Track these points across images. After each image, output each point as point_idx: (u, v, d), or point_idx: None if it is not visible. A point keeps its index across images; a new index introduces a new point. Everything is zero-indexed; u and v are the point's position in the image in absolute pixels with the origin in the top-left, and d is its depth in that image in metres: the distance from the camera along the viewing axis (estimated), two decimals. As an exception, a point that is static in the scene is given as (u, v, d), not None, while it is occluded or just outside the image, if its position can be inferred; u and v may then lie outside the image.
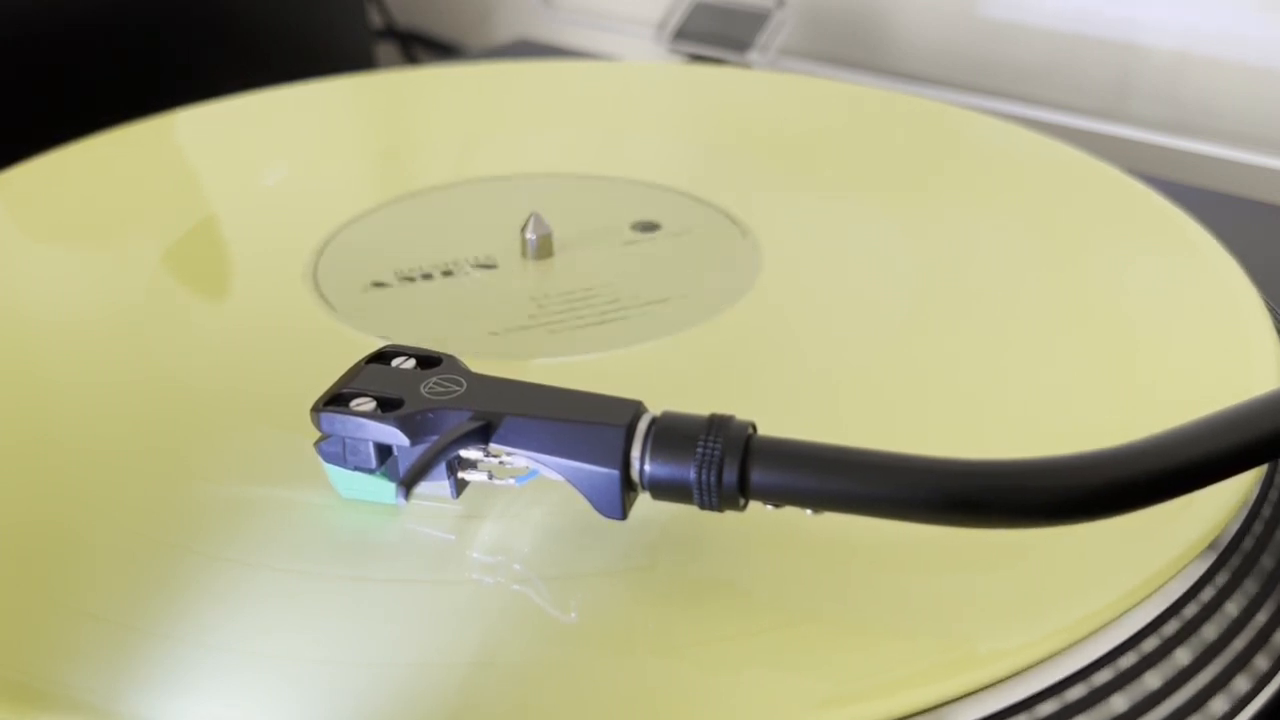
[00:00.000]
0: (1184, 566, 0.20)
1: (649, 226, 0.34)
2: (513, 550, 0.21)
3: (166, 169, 0.39)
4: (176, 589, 0.20)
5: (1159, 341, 0.27)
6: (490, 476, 0.21)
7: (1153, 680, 0.19)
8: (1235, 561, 0.21)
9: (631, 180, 0.37)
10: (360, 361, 0.22)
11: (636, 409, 0.20)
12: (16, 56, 0.47)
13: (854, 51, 0.58)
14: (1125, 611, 0.20)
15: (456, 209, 0.36)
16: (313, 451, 0.21)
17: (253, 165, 0.39)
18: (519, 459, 0.20)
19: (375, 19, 0.69)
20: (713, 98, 0.45)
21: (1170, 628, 0.20)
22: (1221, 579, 0.21)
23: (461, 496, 0.22)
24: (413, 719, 0.18)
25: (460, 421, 0.20)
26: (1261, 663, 0.20)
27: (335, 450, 0.21)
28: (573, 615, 0.20)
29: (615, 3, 0.64)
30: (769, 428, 0.20)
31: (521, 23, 0.71)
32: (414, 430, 0.20)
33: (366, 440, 0.21)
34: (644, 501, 0.20)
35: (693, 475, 0.19)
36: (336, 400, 0.21)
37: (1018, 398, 0.25)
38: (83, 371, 0.27)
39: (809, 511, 0.19)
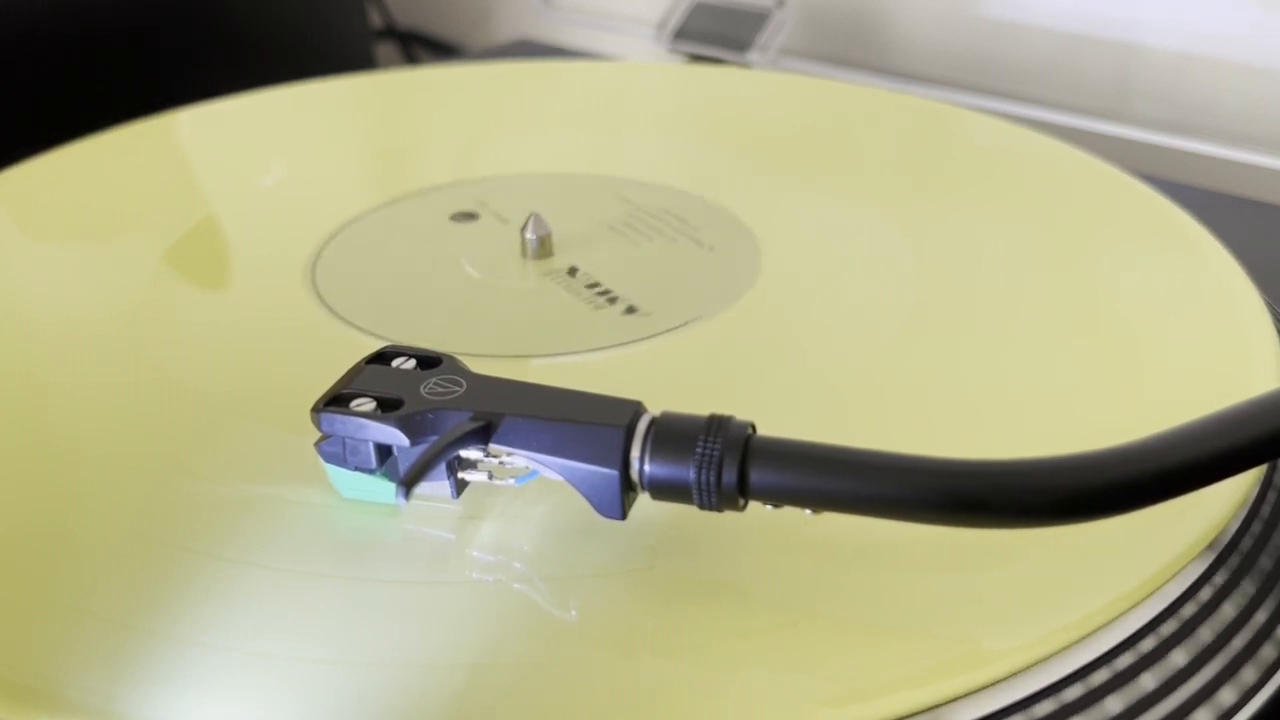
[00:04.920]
0: (1183, 566, 0.20)
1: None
2: (513, 550, 0.21)
3: (166, 169, 0.39)
4: (176, 589, 0.20)
5: (1159, 341, 0.27)
6: (490, 477, 0.21)
7: (1150, 681, 0.19)
8: (1234, 562, 0.21)
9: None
10: (360, 362, 0.22)
11: (636, 409, 0.20)
12: (16, 56, 0.47)
13: (854, 51, 0.58)
14: (1125, 611, 0.20)
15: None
16: (313, 451, 0.21)
17: (253, 165, 0.39)
18: (519, 459, 0.20)
19: (375, 19, 0.69)
20: (713, 98, 0.45)
21: (1169, 628, 0.20)
22: (1220, 579, 0.21)
23: (461, 497, 0.22)
24: (413, 719, 0.18)
25: (460, 422, 0.20)
26: (1259, 664, 0.20)
27: (335, 450, 0.21)
28: (573, 615, 0.20)
29: (615, 3, 0.64)
30: (769, 428, 0.20)
31: (521, 23, 0.71)
32: (414, 430, 0.20)
33: (367, 440, 0.21)
34: (644, 502, 0.20)
35: (692, 475, 0.19)
36: (337, 400, 0.21)
37: (1018, 398, 0.25)
38: (82, 371, 0.27)
39: (809, 512, 0.19)
